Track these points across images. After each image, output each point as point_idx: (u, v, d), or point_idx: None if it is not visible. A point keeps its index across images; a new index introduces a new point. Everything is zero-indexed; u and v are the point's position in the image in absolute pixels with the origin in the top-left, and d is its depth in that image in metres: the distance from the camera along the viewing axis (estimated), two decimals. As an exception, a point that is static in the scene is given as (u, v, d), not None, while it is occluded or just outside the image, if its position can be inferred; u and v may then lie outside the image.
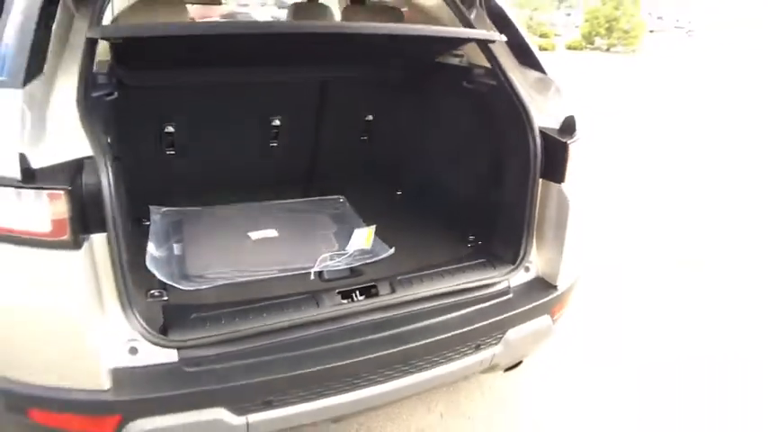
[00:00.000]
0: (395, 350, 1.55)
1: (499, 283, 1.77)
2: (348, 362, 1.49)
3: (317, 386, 1.48)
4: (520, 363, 2.06)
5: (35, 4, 1.38)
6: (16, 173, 1.20)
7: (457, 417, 2.25)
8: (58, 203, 1.22)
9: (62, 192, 1.21)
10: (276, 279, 1.76)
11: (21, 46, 1.33)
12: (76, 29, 1.51)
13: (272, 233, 2.07)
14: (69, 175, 1.23)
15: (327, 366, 1.47)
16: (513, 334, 1.75)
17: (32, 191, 1.22)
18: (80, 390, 1.35)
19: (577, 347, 2.64)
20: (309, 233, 2.11)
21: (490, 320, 1.69)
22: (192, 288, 1.68)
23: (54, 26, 1.45)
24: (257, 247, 2.00)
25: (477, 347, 1.69)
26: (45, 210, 1.23)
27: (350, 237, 1.94)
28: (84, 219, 1.25)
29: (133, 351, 1.39)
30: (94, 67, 1.56)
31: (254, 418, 1.44)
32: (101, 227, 1.28)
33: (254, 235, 2.05)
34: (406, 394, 1.67)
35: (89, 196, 1.25)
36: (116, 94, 1.76)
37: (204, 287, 1.69)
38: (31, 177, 1.21)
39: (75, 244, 1.24)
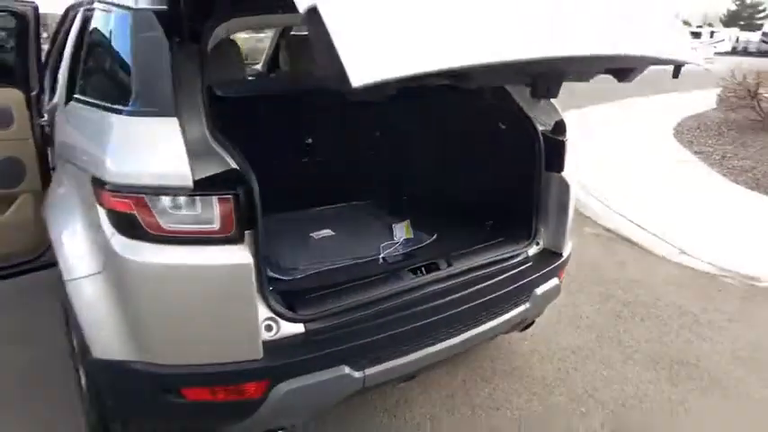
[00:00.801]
0: (460, 309, 1.96)
1: (522, 254, 2.23)
2: (430, 320, 1.88)
3: (409, 342, 1.86)
4: (533, 323, 2.52)
5: (165, 47, 1.66)
6: (189, 183, 1.50)
7: (476, 382, 2.69)
8: (226, 206, 1.52)
9: (229, 196, 1.52)
10: (353, 265, 2.13)
11: (166, 82, 1.62)
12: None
13: (329, 232, 2.45)
14: (231, 182, 1.54)
15: (416, 325, 1.85)
16: (537, 293, 2.21)
17: (204, 197, 1.52)
18: (236, 362, 1.63)
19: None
20: (358, 230, 2.50)
21: (523, 282, 2.14)
22: (291, 278, 2.01)
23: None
24: (325, 243, 2.37)
25: (516, 304, 2.14)
26: (215, 211, 1.53)
27: (392, 231, 2.35)
28: (242, 217, 1.56)
29: (269, 328, 1.69)
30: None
31: (369, 371, 1.78)
32: (251, 224, 1.59)
33: (316, 235, 2.42)
34: (468, 345, 2.08)
35: (245, 198, 1.56)
36: None
37: (299, 276, 2.02)
38: (201, 186, 1.51)
39: (240, 238, 1.55)
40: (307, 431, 2.13)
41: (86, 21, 2.24)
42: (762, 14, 56.72)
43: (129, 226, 1.54)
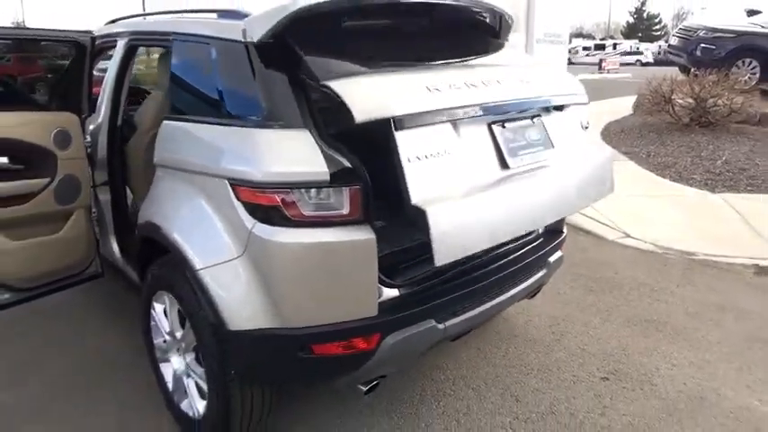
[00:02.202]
0: (510, 271, 2.46)
1: (536, 231, 2.77)
2: (490, 280, 2.37)
3: (476, 299, 2.33)
4: (538, 291, 3.06)
5: (283, 72, 2.07)
6: (327, 177, 1.92)
7: (490, 348, 3.24)
8: (354, 194, 1.95)
9: (358, 186, 1.95)
10: None
11: (292, 101, 2.03)
12: None
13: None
14: (354, 176, 1.97)
15: (481, 285, 2.33)
16: (550, 261, 2.76)
17: (338, 188, 1.94)
18: (356, 320, 2.04)
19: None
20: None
21: (542, 252, 2.68)
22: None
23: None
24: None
25: (539, 269, 2.67)
26: (345, 199, 1.95)
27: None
28: (364, 202, 1.98)
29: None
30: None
31: (448, 323, 2.22)
32: (367, 208, 2.01)
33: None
34: (512, 302, 2.56)
35: (364, 188, 1.98)
36: None
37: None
38: (334, 180, 1.93)
39: (364, 219, 1.98)
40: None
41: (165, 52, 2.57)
42: (658, 26, 61.70)
43: (272, 216, 1.93)
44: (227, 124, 2.10)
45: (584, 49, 41.08)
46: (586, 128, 2.77)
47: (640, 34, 58.42)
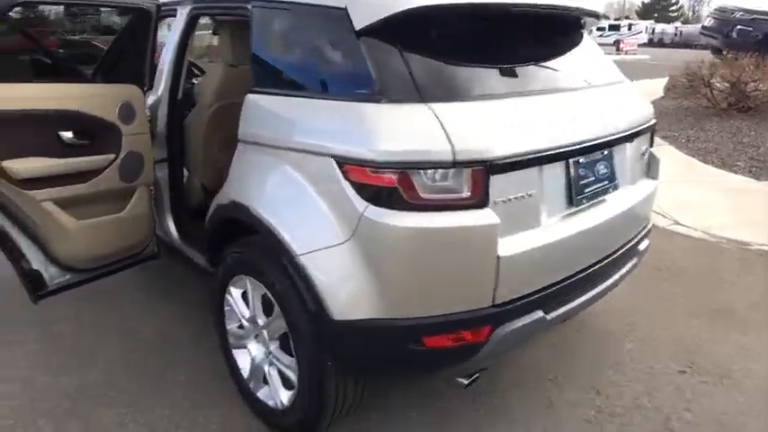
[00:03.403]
0: (609, 260, 2.34)
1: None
2: (592, 270, 2.25)
3: (579, 289, 2.21)
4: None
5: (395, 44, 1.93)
6: (451, 158, 1.78)
7: (558, 337, 3.15)
8: (477, 175, 1.82)
9: (482, 167, 1.81)
10: None
11: (406, 74, 1.88)
12: None
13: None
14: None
15: (584, 275, 2.22)
16: (640, 248, 2.64)
17: (461, 169, 1.80)
18: (470, 310, 1.92)
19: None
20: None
21: (635, 241, 2.56)
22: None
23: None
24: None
25: (632, 257, 2.56)
26: (467, 181, 1.82)
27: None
28: (487, 185, 1.85)
29: None
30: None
31: (553, 314, 2.11)
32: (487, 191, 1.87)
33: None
34: (609, 290, 2.45)
35: (487, 169, 1.84)
36: None
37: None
38: (459, 162, 1.79)
39: (486, 203, 1.84)
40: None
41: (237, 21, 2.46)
42: (674, 7, 60.99)
43: (387, 198, 1.79)
44: (331, 98, 1.95)
45: (599, 29, 40.52)
46: (643, 154, 2.66)
47: (656, 15, 57.76)
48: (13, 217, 2.49)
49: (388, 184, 1.78)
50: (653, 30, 41.36)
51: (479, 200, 1.81)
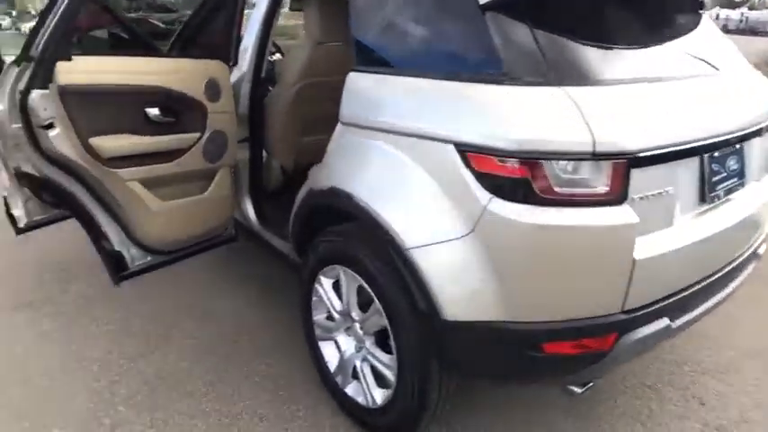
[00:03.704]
0: (732, 266, 2.13)
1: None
2: (716, 277, 2.04)
3: (702, 296, 2.01)
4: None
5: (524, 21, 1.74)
6: (591, 148, 1.59)
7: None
8: (618, 169, 1.62)
9: (624, 160, 1.62)
10: None
11: (537, 53, 1.70)
12: None
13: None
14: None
15: (708, 282, 2.01)
16: (759, 252, 2.39)
17: (601, 161, 1.61)
18: (597, 316, 1.74)
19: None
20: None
21: (755, 246, 2.32)
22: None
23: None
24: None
25: (751, 261, 2.32)
26: (606, 175, 1.62)
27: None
28: (627, 179, 1.66)
29: None
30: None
31: (677, 322, 1.92)
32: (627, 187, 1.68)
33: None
34: (728, 296, 2.23)
35: (628, 163, 1.65)
36: None
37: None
38: (600, 153, 1.60)
39: (624, 199, 1.65)
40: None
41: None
42: None
43: (515, 190, 1.62)
44: (451, 78, 1.78)
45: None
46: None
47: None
48: (98, 196, 2.42)
49: (518, 175, 1.61)
50: (716, 15, 39.65)
51: (617, 196, 1.63)
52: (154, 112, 2.41)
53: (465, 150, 1.69)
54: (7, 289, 3.36)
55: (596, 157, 1.59)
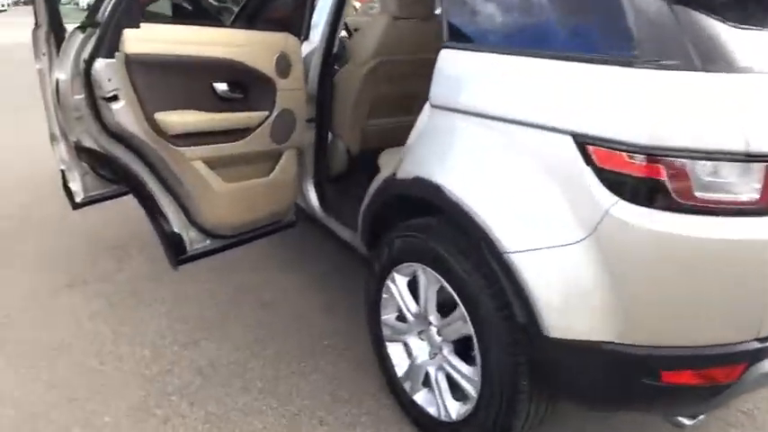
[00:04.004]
0: None
1: None
2: None
3: None
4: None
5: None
6: (745, 148, 1.33)
7: None
8: None
9: None
10: None
11: (676, 30, 1.43)
12: None
13: None
14: None
15: None
16: None
17: (753, 164, 1.35)
18: (728, 344, 1.49)
19: None
20: None
21: None
22: None
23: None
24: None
25: None
26: (758, 180, 1.36)
27: None
28: None
29: None
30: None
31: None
32: None
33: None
34: None
35: None
36: None
37: None
38: (753, 155, 1.34)
39: None
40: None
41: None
42: None
43: (647, 193, 1.38)
44: (571, 58, 1.53)
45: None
46: None
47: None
48: (159, 175, 2.26)
49: (650, 176, 1.37)
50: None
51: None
52: (222, 87, 2.23)
53: (586, 143, 1.45)
54: (62, 265, 3.27)
55: (749, 158, 1.33)
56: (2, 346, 2.56)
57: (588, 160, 1.45)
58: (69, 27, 2.54)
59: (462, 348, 1.92)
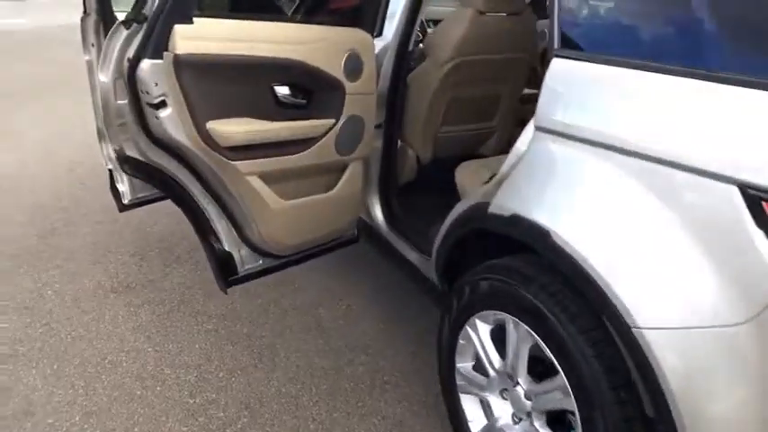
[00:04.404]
0: None
1: None
2: None
3: None
4: None
5: None
6: None
7: None
8: None
9: None
10: None
11: None
12: None
13: None
14: None
15: None
16: None
17: None
18: None
19: None
20: None
21: None
22: None
23: None
24: None
25: None
26: None
27: None
28: None
29: None
30: None
31: None
32: None
33: None
34: None
35: None
36: None
37: None
38: None
39: None
40: None
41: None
42: None
43: None
44: (736, 81, 1.15)
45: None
46: None
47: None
48: (211, 189, 1.99)
49: None
50: None
51: None
52: (283, 91, 1.93)
53: (759, 197, 1.08)
54: (107, 267, 3.08)
55: None
56: (39, 360, 2.37)
57: (761, 219, 1.08)
58: (121, 16, 2.29)
59: (557, 419, 1.58)
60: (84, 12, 2.44)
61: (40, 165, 4.47)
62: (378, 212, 2.54)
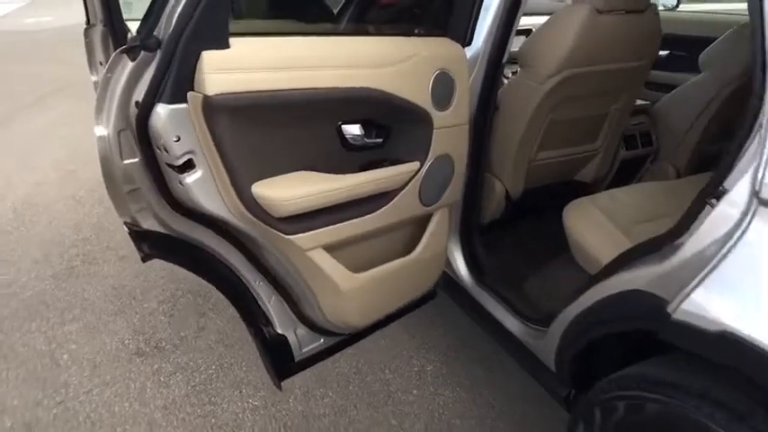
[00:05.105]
0: None
1: None
2: None
3: None
4: None
5: None
6: None
7: None
8: None
9: None
10: None
11: None
12: None
13: None
14: None
15: None
16: None
17: None
18: None
19: None
20: None
21: None
22: None
23: None
24: None
25: None
26: None
27: None
28: None
29: None
30: None
31: None
32: None
33: None
34: None
35: None
36: None
37: None
38: None
39: None
40: None
41: None
42: None
43: None
44: None
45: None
46: None
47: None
48: (259, 263, 1.46)
49: None
50: None
51: None
52: (354, 130, 1.39)
53: None
54: (131, 320, 2.61)
55: None
56: (50, 457, 1.91)
57: None
58: (133, 27, 1.75)
59: None
60: (88, 22, 1.93)
61: (59, 187, 4.02)
62: (460, 263, 2.02)
